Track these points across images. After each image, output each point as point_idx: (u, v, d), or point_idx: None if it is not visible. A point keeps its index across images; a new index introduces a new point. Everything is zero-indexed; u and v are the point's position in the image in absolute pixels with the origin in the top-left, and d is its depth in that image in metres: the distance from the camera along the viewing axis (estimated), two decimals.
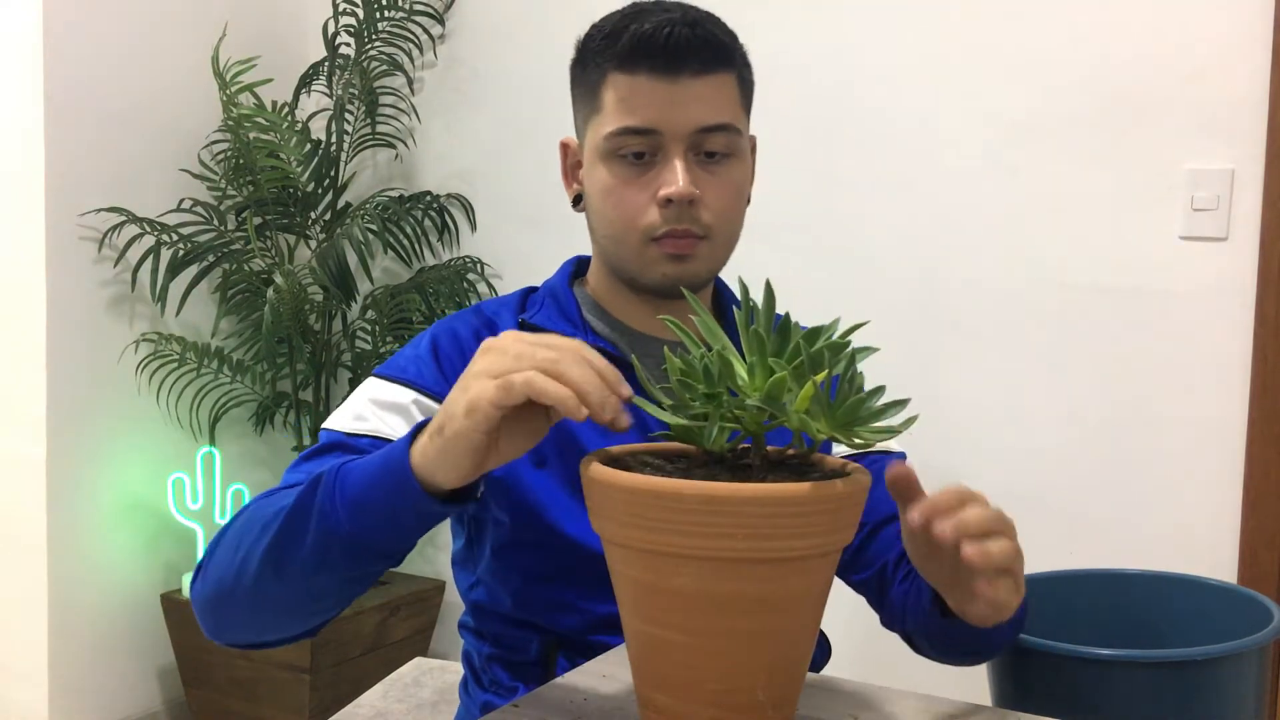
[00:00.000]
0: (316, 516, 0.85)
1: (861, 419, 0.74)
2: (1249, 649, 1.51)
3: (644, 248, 1.11)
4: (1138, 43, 2.12)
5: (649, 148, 1.09)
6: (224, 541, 0.95)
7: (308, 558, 0.86)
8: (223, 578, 0.93)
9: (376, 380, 1.12)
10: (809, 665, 0.81)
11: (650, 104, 1.08)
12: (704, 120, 1.09)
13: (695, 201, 1.09)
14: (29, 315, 2.50)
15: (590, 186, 1.14)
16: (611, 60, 1.10)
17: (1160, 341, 2.13)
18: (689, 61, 1.07)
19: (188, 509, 2.68)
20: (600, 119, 1.11)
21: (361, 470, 0.85)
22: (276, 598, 0.91)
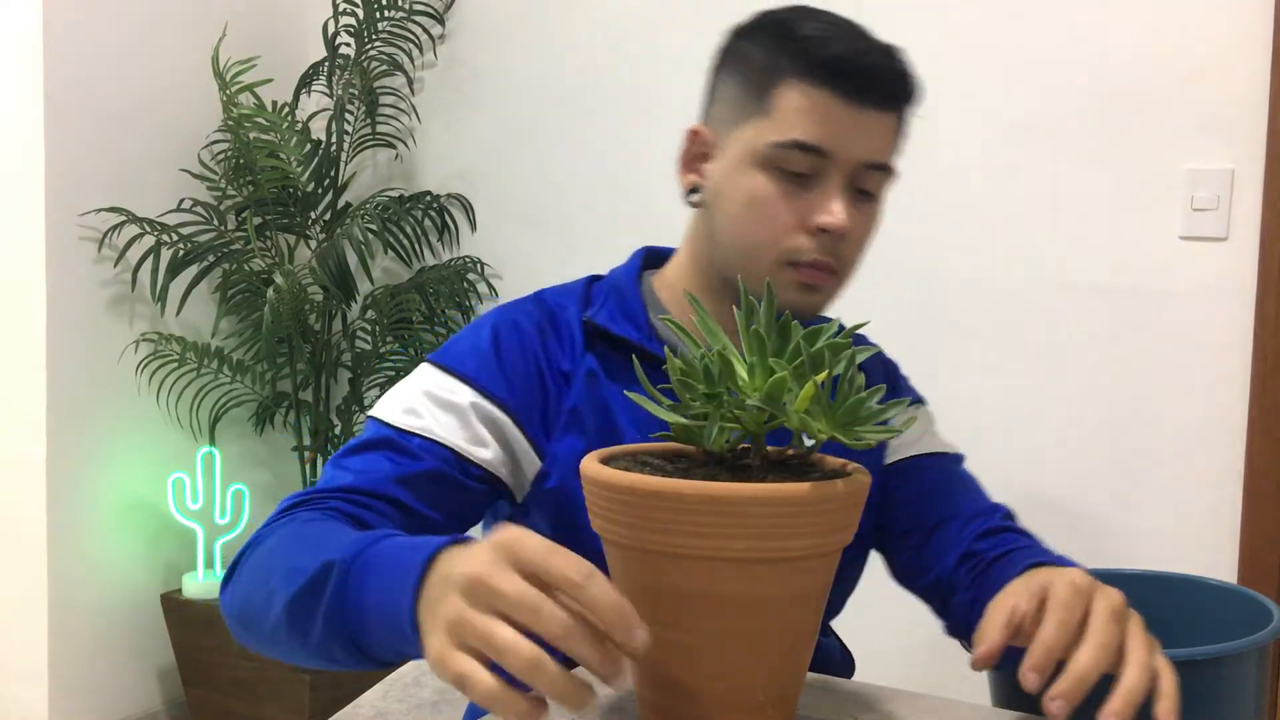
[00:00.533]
0: (325, 613, 0.80)
1: (861, 419, 0.74)
2: (1249, 649, 1.51)
3: (777, 269, 1.05)
4: (1137, 43, 2.12)
5: (813, 169, 1.03)
6: (255, 561, 0.92)
7: (316, 640, 0.82)
8: (248, 607, 0.90)
9: (433, 370, 1.07)
10: (809, 665, 0.81)
11: (830, 126, 1.02)
12: (873, 156, 1.05)
13: (844, 236, 1.05)
14: (29, 315, 2.50)
15: (730, 190, 1.07)
16: (797, 67, 1.03)
17: (1160, 341, 2.13)
18: (877, 94, 1.04)
19: (188, 509, 2.68)
20: (767, 123, 1.04)
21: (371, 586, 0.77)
22: (292, 652, 0.87)
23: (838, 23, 1.05)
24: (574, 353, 1.10)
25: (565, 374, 1.09)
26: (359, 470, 1.01)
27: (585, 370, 1.09)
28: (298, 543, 0.89)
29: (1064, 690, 0.74)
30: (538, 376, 1.08)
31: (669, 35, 2.56)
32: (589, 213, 2.69)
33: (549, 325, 1.11)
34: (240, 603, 0.92)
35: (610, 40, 2.66)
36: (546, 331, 1.11)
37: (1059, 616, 0.77)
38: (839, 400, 0.74)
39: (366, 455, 1.02)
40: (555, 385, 1.09)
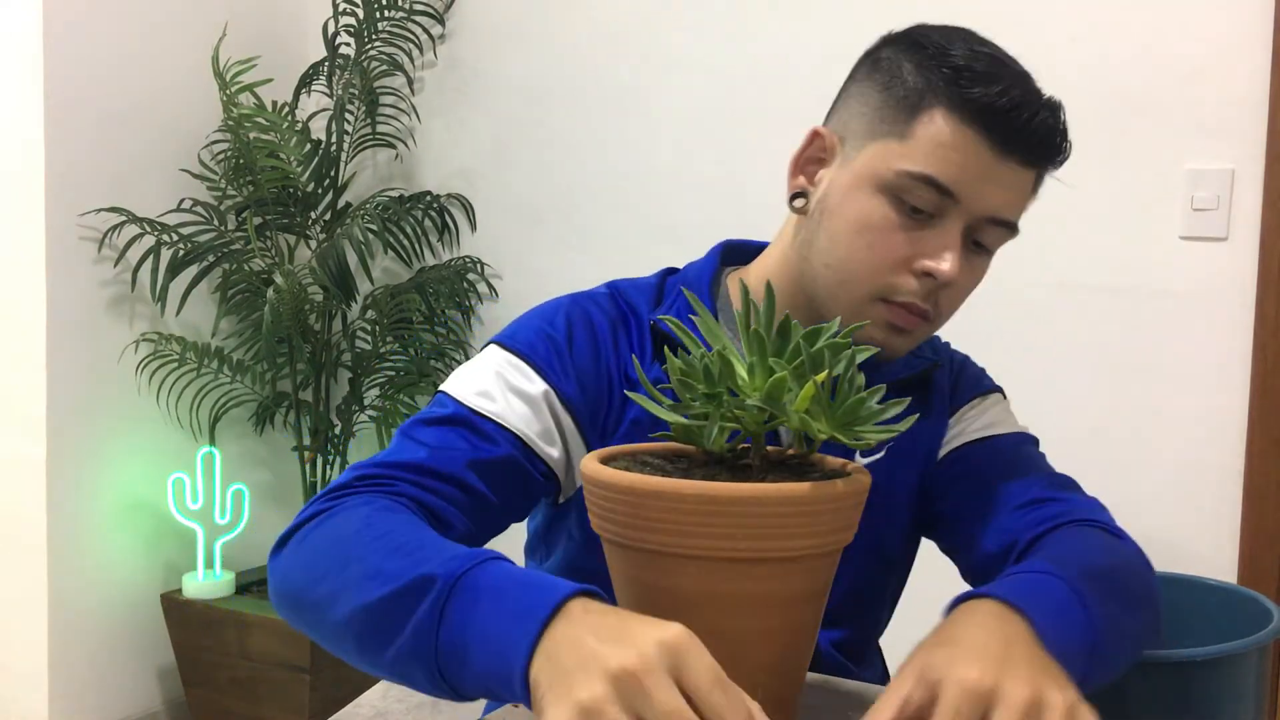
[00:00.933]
0: (412, 632, 0.74)
1: (861, 419, 0.74)
2: (1249, 649, 1.51)
3: (869, 303, 0.99)
4: (1137, 43, 2.12)
5: (936, 209, 0.96)
6: (321, 538, 0.86)
7: (392, 657, 0.76)
8: (308, 594, 0.83)
9: (503, 352, 1.01)
10: (809, 664, 0.81)
11: (968, 169, 0.95)
12: (1001, 212, 0.98)
13: (948, 286, 0.98)
14: (29, 315, 2.50)
15: (843, 207, 0.99)
16: (951, 98, 0.96)
17: (1160, 341, 2.13)
18: (1026, 148, 0.97)
19: (188, 509, 2.68)
20: (901, 149, 0.97)
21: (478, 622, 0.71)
22: (351, 656, 0.81)
23: (1002, 61, 1.00)
24: (644, 359, 1.05)
25: (633, 382, 1.04)
26: (434, 446, 0.95)
27: (653, 379, 1.03)
28: (379, 538, 0.81)
29: None
30: (606, 379, 1.03)
31: (669, 35, 2.56)
32: (589, 212, 2.69)
33: (622, 324, 1.06)
34: (296, 582, 0.85)
35: (610, 40, 2.66)
36: (619, 331, 1.05)
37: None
38: (839, 400, 0.74)
39: (442, 430, 0.96)
40: (622, 393, 1.03)
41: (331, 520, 0.86)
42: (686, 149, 2.55)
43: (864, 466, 0.83)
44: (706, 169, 2.53)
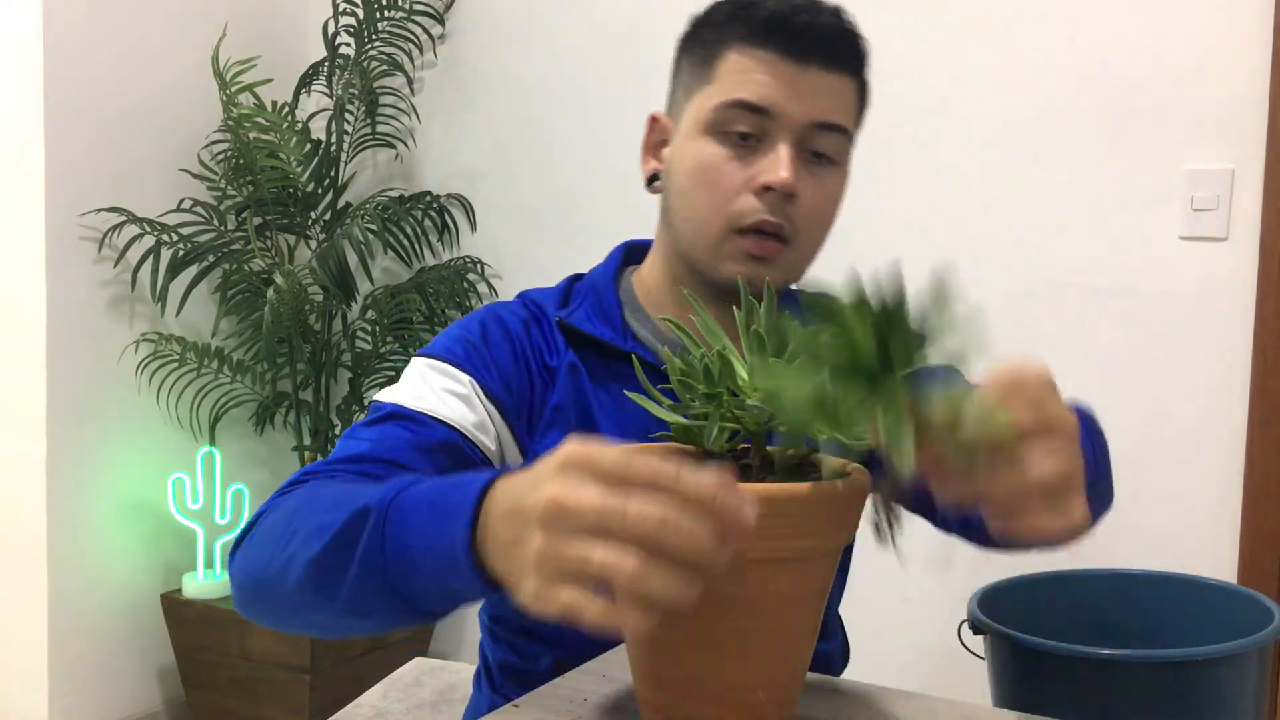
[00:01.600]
0: (361, 557, 0.76)
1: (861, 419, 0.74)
2: (1249, 649, 1.51)
3: (724, 239, 1.03)
4: (1138, 43, 2.12)
5: (758, 129, 1.02)
6: (269, 526, 0.87)
7: (351, 591, 0.77)
8: (264, 573, 0.85)
9: (425, 359, 1.05)
10: (810, 665, 0.81)
11: (772, 83, 1.01)
12: (822, 115, 1.02)
13: (794, 196, 1.02)
14: (29, 315, 2.50)
15: (679, 162, 1.07)
16: (739, 32, 1.03)
17: (1160, 341, 2.13)
18: (822, 51, 1.02)
19: (188, 509, 2.68)
20: (710, 90, 1.04)
21: (416, 527, 0.73)
22: (314, 613, 0.84)
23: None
24: (557, 350, 1.09)
25: (550, 370, 1.09)
26: (375, 440, 0.98)
27: (568, 365, 1.08)
28: (319, 502, 0.84)
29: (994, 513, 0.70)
30: (525, 372, 1.07)
31: (669, 35, 2.55)
32: (589, 212, 2.69)
33: (534, 322, 1.10)
34: (254, 570, 0.87)
35: (610, 40, 2.66)
36: (532, 327, 1.10)
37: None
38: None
39: (381, 427, 0.99)
40: (541, 381, 1.08)
41: (275, 513, 0.89)
42: None
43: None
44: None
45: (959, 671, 1.80)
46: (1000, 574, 1.83)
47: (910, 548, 2.43)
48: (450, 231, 2.88)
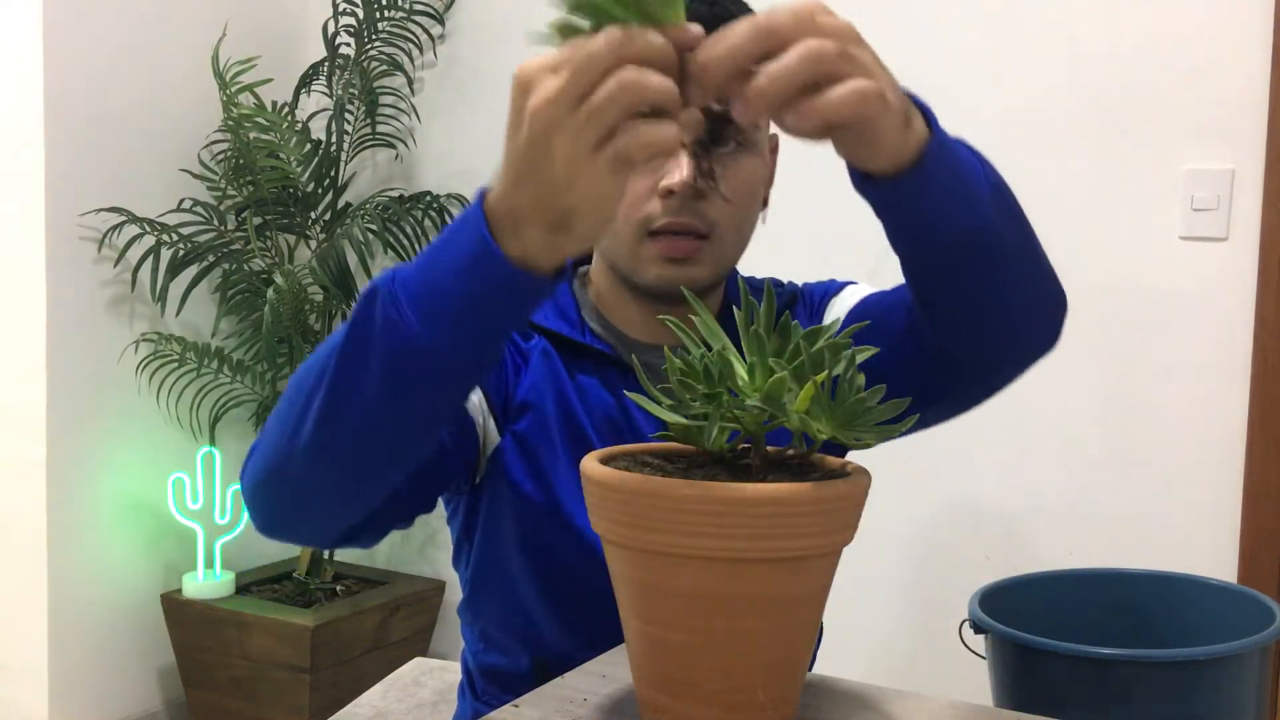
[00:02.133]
0: (381, 331, 0.73)
1: (862, 419, 0.74)
2: (1250, 649, 1.51)
3: (639, 245, 1.03)
4: (1137, 43, 2.12)
5: None
6: (273, 417, 0.85)
7: (375, 389, 0.74)
8: (275, 447, 0.83)
9: None
10: (809, 665, 0.81)
11: None
12: (714, 105, 1.04)
13: (700, 194, 1.01)
14: (29, 315, 2.50)
15: None
16: None
17: (1160, 341, 2.13)
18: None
19: (188, 509, 2.68)
20: None
21: (422, 264, 0.73)
22: (338, 455, 0.80)
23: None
24: (527, 344, 1.10)
25: (523, 352, 1.09)
26: None
27: (540, 350, 1.09)
28: (313, 357, 0.82)
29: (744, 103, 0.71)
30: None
31: None
32: None
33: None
34: (262, 463, 0.85)
35: None
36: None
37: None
38: (839, 400, 0.74)
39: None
40: (513, 364, 1.09)
41: (271, 418, 0.86)
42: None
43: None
44: None
45: (959, 671, 1.80)
46: (1001, 574, 1.83)
47: (911, 547, 2.44)
48: None
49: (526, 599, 1.09)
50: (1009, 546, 2.24)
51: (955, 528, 2.31)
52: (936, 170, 0.81)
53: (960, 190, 0.84)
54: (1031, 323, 1.03)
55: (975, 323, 0.96)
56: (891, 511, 2.32)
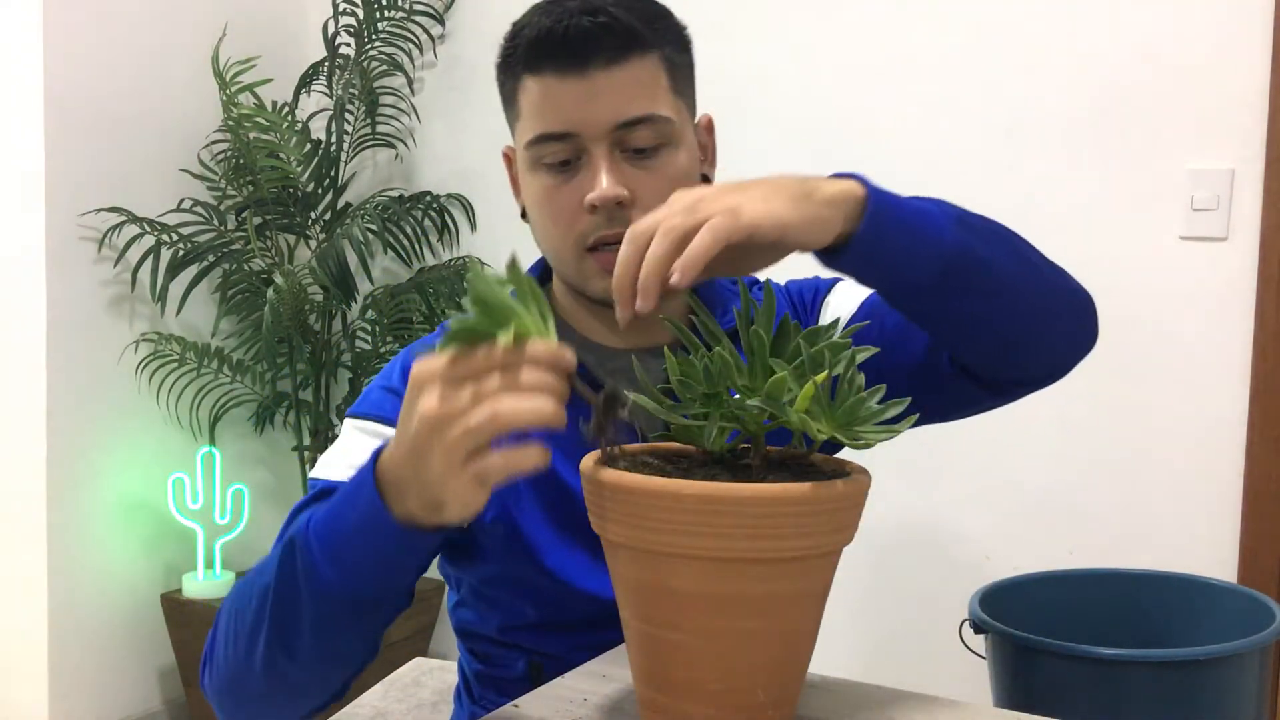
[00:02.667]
0: (303, 582, 0.81)
1: (862, 419, 0.74)
2: (1250, 649, 1.51)
3: (580, 261, 1.04)
4: (1137, 43, 2.12)
5: (571, 152, 1.02)
6: (223, 629, 0.92)
7: (311, 628, 0.82)
8: (234, 671, 0.89)
9: (355, 423, 1.07)
10: (808, 665, 0.81)
11: (562, 105, 1.00)
12: (622, 115, 1.00)
13: (626, 203, 1.01)
14: (29, 315, 2.50)
15: (526, 198, 1.09)
16: (521, 63, 1.02)
17: (1160, 341, 2.13)
18: (596, 53, 0.99)
19: (188, 509, 2.68)
20: (521, 126, 1.05)
21: (337, 528, 0.81)
22: (296, 677, 0.87)
23: (555, 2, 1.02)
24: None
25: None
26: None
27: None
28: (250, 581, 0.89)
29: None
30: None
31: None
32: None
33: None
34: (224, 680, 0.91)
35: None
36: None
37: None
38: (839, 400, 0.74)
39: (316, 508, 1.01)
40: None
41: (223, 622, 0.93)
42: None
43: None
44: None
45: (959, 671, 1.80)
46: (1001, 574, 1.83)
47: (911, 548, 2.44)
48: (450, 231, 2.88)
49: (509, 618, 1.09)
50: (1009, 546, 2.24)
51: (955, 528, 2.31)
52: (883, 220, 0.85)
53: (917, 227, 0.87)
54: (1047, 332, 1.03)
55: (982, 343, 0.98)
56: (891, 511, 2.32)
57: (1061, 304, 1.03)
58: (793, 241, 0.81)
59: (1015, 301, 0.96)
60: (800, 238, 0.81)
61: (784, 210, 0.80)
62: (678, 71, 1.07)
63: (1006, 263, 0.95)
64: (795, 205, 0.81)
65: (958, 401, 1.08)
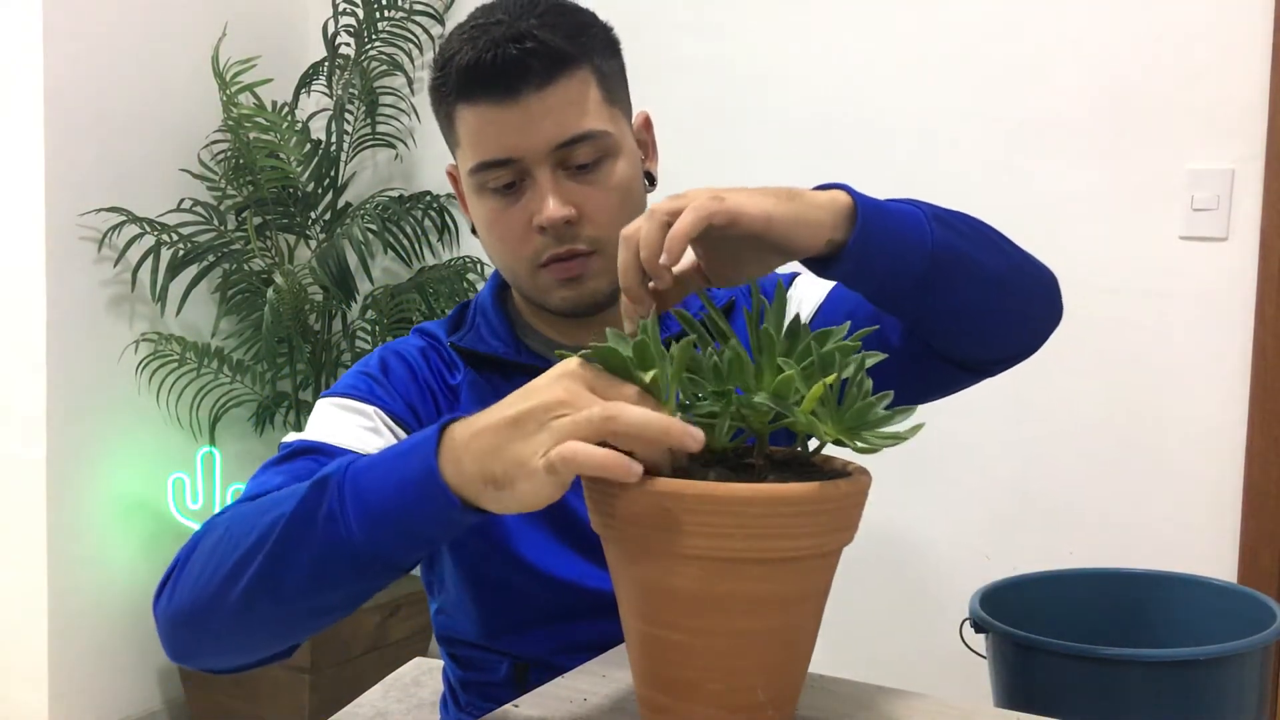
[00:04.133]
0: (323, 525, 0.78)
1: (869, 423, 0.74)
2: (1250, 649, 1.51)
3: (534, 277, 1.06)
4: (1137, 43, 2.12)
5: (514, 175, 1.03)
6: (199, 555, 0.87)
7: (310, 571, 0.79)
8: (200, 595, 0.85)
9: (328, 399, 1.08)
10: (808, 665, 0.81)
11: (500, 133, 1.02)
12: (559, 136, 1.02)
13: (574, 220, 1.03)
14: (29, 315, 2.50)
15: (475, 220, 1.10)
16: (453, 92, 1.03)
17: (1160, 341, 2.13)
18: (525, 79, 1.00)
19: (188, 509, 2.68)
20: (462, 153, 1.07)
21: (379, 477, 0.77)
22: (268, 616, 0.84)
23: (475, 25, 1.03)
24: (458, 369, 1.12)
25: (452, 388, 1.11)
26: (286, 475, 0.99)
27: (469, 382, 1.11)
28: (255, 512, 0.84)
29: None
30: (428, 393, 1.10)
31: (668, 35, 2.55)
32: None
33: (431, 349, 1.13)
34: (185, 604, 0.87)
35: None
36: (430, 354, 1.13)
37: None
38: (847, 403, 0.74)
39: (291, 463, 1.01)
40: (446, 401, 1.11)
41: (200, 544, 0.88)
42: (685, 150, 2.55)
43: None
44: (706, 170, 2.53)
45: (960, 671, 1.80)
46: (1001, 574, 1.83)
47: (911, 547, 2.45)
48: (450, 231, 2.88)
49: (489, 618, 1.10)
50: (1009, 546, 2.24)
51: (955, 528, 2.31)
52: (872, 226, 0.86)
53: (903, 230, 0.89)
54: (1021, 314, 1.07)
55: (962, 331, 1.00)
56: (892, 511, 2.32)
57: (1032, 286, 1.07)
58: (779, 235, 0.82)
59: (993, 290, 0.98)
60: (786, 232, 0.82)
61: (768, 203, 0.81)
62: (609, 79, 1.08)
63: (983, 254, 0.97)
64: (780, 201, 0.82)
65: (937, 383, 1.09)
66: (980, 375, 1.09)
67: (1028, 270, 1.06)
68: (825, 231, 0.84)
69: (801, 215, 0.82)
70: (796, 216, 0.82)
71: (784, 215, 0.81)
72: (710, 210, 0.79)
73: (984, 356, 1.05)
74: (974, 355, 1.04)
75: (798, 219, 0.82)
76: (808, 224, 0.83)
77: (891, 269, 0.89)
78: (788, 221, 0.81)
